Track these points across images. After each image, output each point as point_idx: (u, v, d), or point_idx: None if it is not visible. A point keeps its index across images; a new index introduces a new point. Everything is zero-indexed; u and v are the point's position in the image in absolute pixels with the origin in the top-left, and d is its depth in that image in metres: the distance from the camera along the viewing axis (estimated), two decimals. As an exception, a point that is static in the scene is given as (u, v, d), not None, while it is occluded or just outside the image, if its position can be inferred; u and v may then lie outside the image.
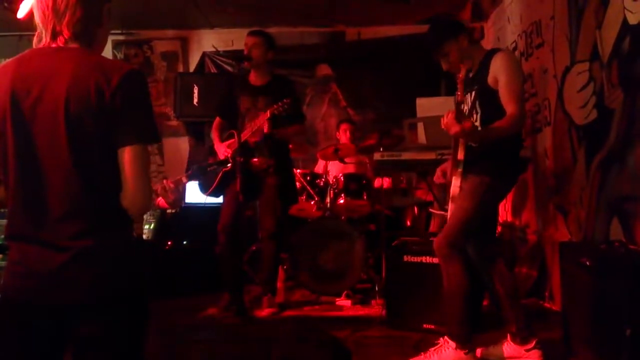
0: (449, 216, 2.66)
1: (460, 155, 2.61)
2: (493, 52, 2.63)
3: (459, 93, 2.55)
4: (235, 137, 3.41)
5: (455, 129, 2.35)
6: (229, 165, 3.58)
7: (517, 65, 2.59)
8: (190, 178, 2.25)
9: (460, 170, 2.61)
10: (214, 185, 3.63)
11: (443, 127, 2.43)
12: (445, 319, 2.69)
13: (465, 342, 2.56)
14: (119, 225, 1.37)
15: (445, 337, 2.61)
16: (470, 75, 2.69)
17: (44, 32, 1.39)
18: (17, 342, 1.33)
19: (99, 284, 1.31)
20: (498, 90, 2.52)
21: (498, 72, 2.51)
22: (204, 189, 3.73)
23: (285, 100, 3.40)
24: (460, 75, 2.57)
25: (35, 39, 1.41)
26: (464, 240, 2.60)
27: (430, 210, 4.19)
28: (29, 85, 1.32)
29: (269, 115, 3.40)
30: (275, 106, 3.40)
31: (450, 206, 2.64)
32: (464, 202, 2.58)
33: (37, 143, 1.31)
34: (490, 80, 2.54)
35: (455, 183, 2.63)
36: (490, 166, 2.56)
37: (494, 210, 2.81)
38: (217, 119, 3.82)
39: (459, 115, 2.38)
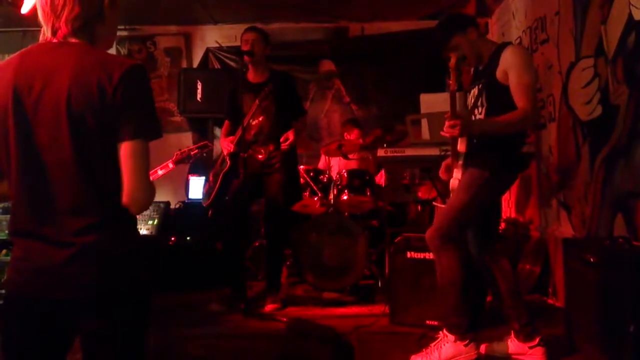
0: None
1: (461, 148, 2.60)
2: (504, 45, 2.59)
3: (451, 82, 2.53)
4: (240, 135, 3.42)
5: (453, 133, 2.38)
6: (227, 163, 3.58)
7: (529, 60, 2.54)
8: (176, 162, 2.28)
9: (460, 162, 2.61)
10: (215, 190, 3.61)
11: (447, 135, 2.45)
12: (443, 312, 2.68)
13: (463, 333, 2.56)
14: (122, 222, 1.37)
15: (444, 331, 2.61)
16: (480, 68, 2.67)
17: (45, 28, 1.39)
18: (21, 337, 1.34)
19: (102, 280, 1.31)
20: (506, 85, 2.48)
21: (508, 66, 2.47)
22: (207, 197, 3.72)
23: (266, 89, 3.47)
24: (451, 64, 2.55)
25: (41, 35, 1.41)
26: (457, 232, 2.57)
27: (434, 204, 4.19)
28: (31, 80, 1.32)
29: (257, 102, 3.46)
30: (261, 94, 3.46)
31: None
32: (460, 194, 2.56)
33: (39, 139, 1.31)
34: (499, 73, 2.50)
35: (456, 176, 2.62)
36: (491, 161, 2.54)
37: (493, 206, 2.78)
38: (226, 122, 3.83)
39: (453, 107, 2.38)
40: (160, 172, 1.61)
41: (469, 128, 2.43)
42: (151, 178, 1.51)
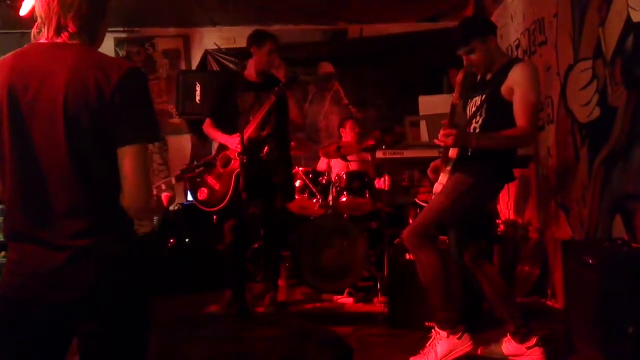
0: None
1: (453, 154, 2.61)
2: (515, 61, 2.61)
3: (455, 95, 2.54)
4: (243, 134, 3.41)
5: (447, 142, 2.41)
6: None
7: (537, 80, 2.52)
8: (178, 179, 2.24)
9: (449, 168, 2.62)
10: (230, 192, 3.54)
11: (441, 144, 2.48)
12: (431, 310, 2.67)
13: (454, 326, 2.55)
14: (118, 224, 1.35)
15: (436, 329, 2.60)
16: (488, 78, 2.67)
17: (46, 25, 1.35)
18: (18, 340, 1.32)
19: (100, 283, 1.30)
20: (509, 101, 2.49)
21: (515, 83, 2.48)
22: (213, 201, 3.65)
23: (282, 83, 3.53)
24: (458, 79, 2.57)
25: (34, 30, 1.38)
26: (435, 231, 2.60)
27: (416, 200, 4.19)
28: (27, 81, 1.30)
29: (274, 99, 3.49)
30: (276, 89, 3.49)
31: None
32: (441, 197, 2.58)
33: (34, 140, 1.29)
34: (504, 88, 2.51)
35: (441, 180, 2.64)
36: (477, 169, 2.54)
37: (477, 213, 2.75)
38: (208, 120, 3.81)
39: (451, 118, 2.39)
40: (163, 187, 1.62)
41: (464, 140, 2.45)
42: (155, 192, 1.50)
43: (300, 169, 4.43)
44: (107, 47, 5.53)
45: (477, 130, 2.60)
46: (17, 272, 1.32)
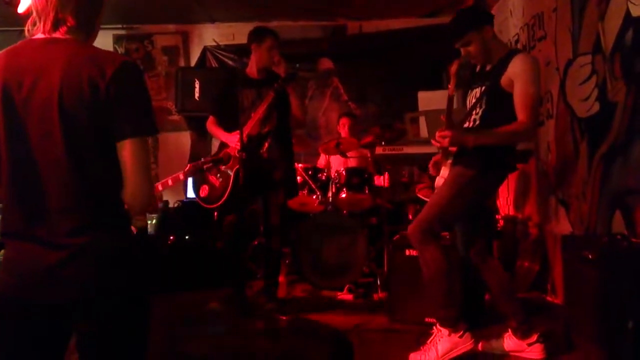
0: None
1: (453, 147, 2.61)
2: (515, 52, 2.59)
3: (450, 86, 2.53)
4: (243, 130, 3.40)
5: (443, 144, 2.42)
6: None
7: (537, 72, 2.50)
8: (187, 175, 2.24)
9: (449, 161, 2.62)
10: (229, 189, 3.55)
11: (437, 145, 2.49)
12: (433, 307, 2.67)
13: (456, 324, 2.55)
14: (116, 222, 1.34)
15: (437, 326, 2.60)
16: (487, 68, 2.65)
17: (42, 19, 1.34)
18: (14, 340, 1.32)
19: (98, 282, 1.29)
20: (508, 92, 2.48)
21: (515, 75, 2.46)
22: (213, 198, 3.65)
23: (280, 79, 3.54)
24: (453, 69, 2.56)
25: (28, 25, 1.36)
26: (439, 227, 2.58)
27: (419, 195, 4.19)
28: (21, 77, 1.29)
29: (273, 94, 3.48)
30: (275, 85, 3.48)
31: None
32: (442, 191, 2.58)
33: (30, 137, 1.28)
34: (503, 80, 2.49)
35: (442, 174, 2.64)
36: (477, 161, 2.53)
37: (478, 206, 2.74)
38: (211, 117, 3.81)
39: (449, 111, 2.39)
40: (170, 183, 1.61)
41: (460, 140, 2.45)
42: (160, 187, 1.49)
43: (300, 165, 4.42)
44: (106, 44, 5.53)
45: (477, 122, 2.59)
46: (14, 271, 1.31)
